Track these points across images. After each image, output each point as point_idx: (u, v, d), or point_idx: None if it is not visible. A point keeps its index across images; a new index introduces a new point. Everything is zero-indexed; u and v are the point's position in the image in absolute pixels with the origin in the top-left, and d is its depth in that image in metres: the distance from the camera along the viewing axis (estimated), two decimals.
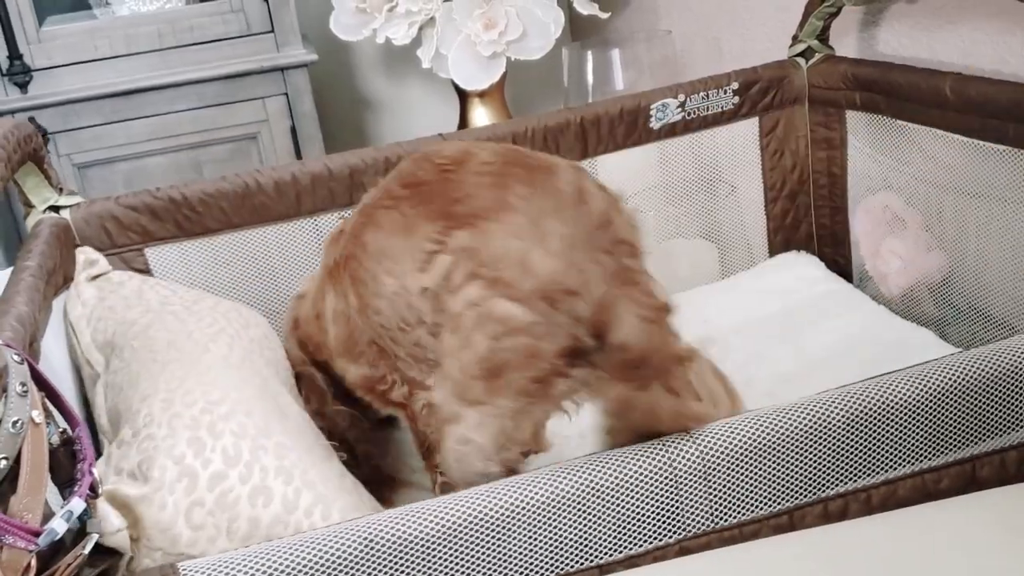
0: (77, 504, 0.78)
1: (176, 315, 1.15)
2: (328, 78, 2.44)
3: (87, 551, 0.80)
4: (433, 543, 0.84)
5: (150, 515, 0.89)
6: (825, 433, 0.92)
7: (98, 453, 1.07)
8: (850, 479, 0.94)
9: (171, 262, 1.43)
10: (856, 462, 0.93)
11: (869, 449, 0.93)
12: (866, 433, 0.93)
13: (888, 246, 1.51)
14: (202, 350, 1.08)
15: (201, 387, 1.00)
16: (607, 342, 0.95)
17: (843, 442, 0.92)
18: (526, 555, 0.86)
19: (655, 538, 0.90)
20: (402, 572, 0.83)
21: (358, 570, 0.82)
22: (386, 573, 0.83)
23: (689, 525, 0.90)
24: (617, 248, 1.00)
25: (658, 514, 0.89)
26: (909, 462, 0.95)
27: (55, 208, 1.36)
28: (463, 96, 2.25)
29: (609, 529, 0.88)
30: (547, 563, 0.87)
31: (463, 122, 2.28)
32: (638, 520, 0.89)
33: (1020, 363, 0.95)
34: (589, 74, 2.04)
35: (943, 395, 0.94)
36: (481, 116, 2.25)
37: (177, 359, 1.05)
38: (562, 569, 0.88)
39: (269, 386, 1.09)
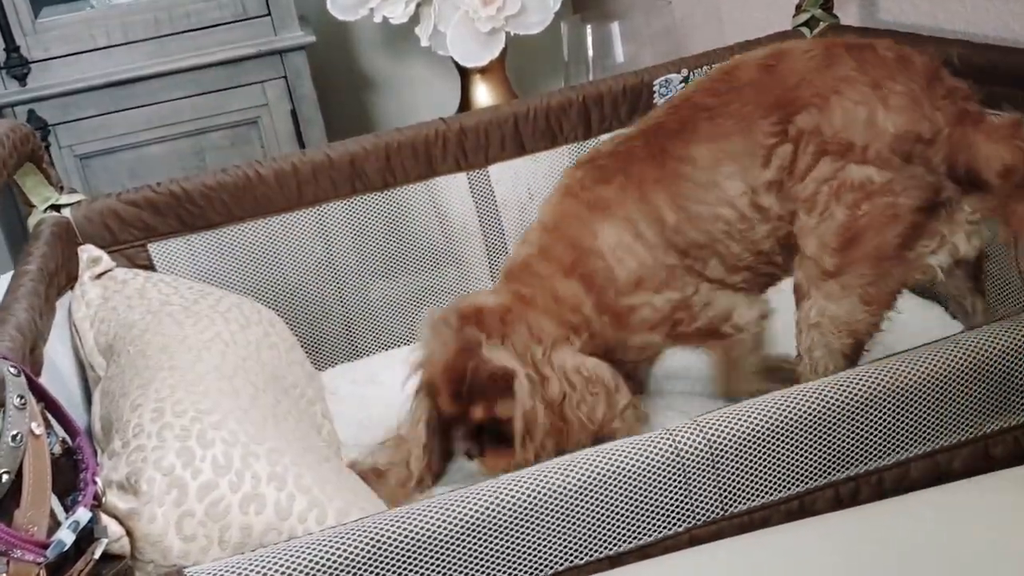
0: (83, 514, 0.77)
1: (174, 317, 1.14)
2: (327, 60, 2.42)
3: (97, 556, 0.80)
4: (442, 540, 0.83)
5: (140, 528, 0.89)
6: (834, 416, 0.91)
7: None
8: (861, 462, 0.93)
9: (174, 257, 1.42)
10: (866, 444, 0.92)
11: (880, 431, 0.92)
12: (876, 415, 0.92)
13: None
14: (195, 358, 1.07)
15: (192, 397, 1.00)
16: (976, 176, 1.04)
17: (853, 425, 0.91)
18: (537, 550, 0.86)
19: (665, 527, 0.89)
20: (412, 571, 0.83)
21: (367, 570, 0.82)
22: (395, 573, 0.82)
23: (699, 513, 0.89)
24: (952, 94, 1.08)
25: (668, 503, 0.88)
26: (921, 443, 0.94)
27: (56, 207, 1.35)
28: (464, 73, 2.23)
29: (619, 520, 0.88)
30: (559, 556, 0.87)
31: (465, 99, 2.26)
32: (648, 510, 0.88)
33: None
34: (589, 48, 2.02)
35: (955, 375, 0.93)
36: (482, 93, 2.23)
37: (170, 367, 1.04)
38: (573, 561, 0.87)
39: (265, 390, 1.08)
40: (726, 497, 0.90)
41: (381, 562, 0.82)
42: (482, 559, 0.84)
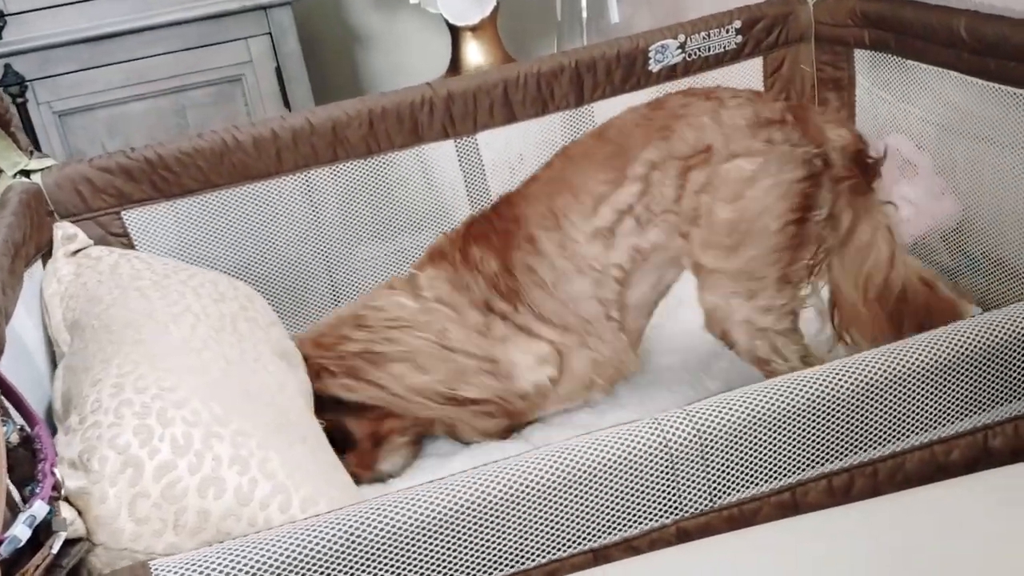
0: (40, 508, 0.74)
1: (142, 291, 1.10)
2: (314, 15, 2.35)
3: (55, 550, 0.76)
4: (418, 533, 0.80)
5: (90, 508, 0.84)
6: (828, 406, 0.88)
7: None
8: (855, 452, 0.90)
9: (151, 225, 1.37)
10: (861, 434, 0.89)
11: (875, 421, 0.89)
12: (871, 404, 0.89)
13: (899, 192, 1.45)
14: (162, 331, 1.02)
15: (155, 372, 0.95)
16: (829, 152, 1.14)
17: (847, 414, 0.88)
18: (517, 542, 0.83)
19: (652, 519, 0.86)
20: (386, 564, 0.80)
21: (340, 564, 0.79)
22: (370, 566, 0.79)
23: (687, 505, 0.87)
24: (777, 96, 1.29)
25: (655, 494, 0.86)
26: (917, 433, 0.91)
27: (25, 172, 1.30)
28: (455, 31, 2.17)
29: (604, 511, 0.85)
30: (540, 548, 0.84)
31: (455, 58, 2.20)
32: (634, 501, 0.85)
33: None
34: (583, 7, 1.96)
35: (952, 363, 0.90)
36: (474, 51, 2.17)
37: (134, 340, 0.99)
38: (556, 554, 0.85)
39: (237, 367, 1.04)
40: (715, 488, 0.87)
41: (354, 555, 0.79)
42: (460, 552, 0.82)
